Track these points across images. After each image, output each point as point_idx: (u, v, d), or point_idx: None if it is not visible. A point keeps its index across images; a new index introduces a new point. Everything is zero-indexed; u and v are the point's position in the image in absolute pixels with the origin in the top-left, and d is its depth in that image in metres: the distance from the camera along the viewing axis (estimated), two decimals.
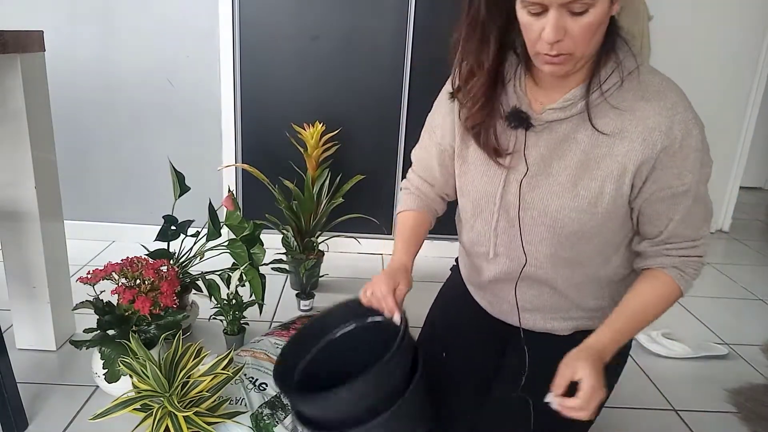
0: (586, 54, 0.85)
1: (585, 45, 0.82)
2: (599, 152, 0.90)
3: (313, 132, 1.98)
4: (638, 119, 0.87)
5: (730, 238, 2.96)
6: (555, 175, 0.94)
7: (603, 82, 0.87)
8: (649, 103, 0.86)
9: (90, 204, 2.34)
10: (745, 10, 2.67)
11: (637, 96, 0.87)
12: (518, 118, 0.94)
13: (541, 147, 0.95)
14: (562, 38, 0.80)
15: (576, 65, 0.86)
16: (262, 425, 1.12)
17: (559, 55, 0.82)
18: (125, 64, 2.19)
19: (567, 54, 0.82)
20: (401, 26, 2.16)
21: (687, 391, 1.55)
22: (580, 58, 0.85)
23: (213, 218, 1.58)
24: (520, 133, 0.95)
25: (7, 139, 1.37)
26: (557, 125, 0.92)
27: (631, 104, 0.88)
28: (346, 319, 1.02)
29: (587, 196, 0.91)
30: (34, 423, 1.26)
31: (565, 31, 0.80)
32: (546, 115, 0.92)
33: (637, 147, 0.87)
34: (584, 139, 0.91)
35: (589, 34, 0.81)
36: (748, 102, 2.81)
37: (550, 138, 0.94)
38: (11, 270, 1.48)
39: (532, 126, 0.94)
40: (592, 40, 0.83)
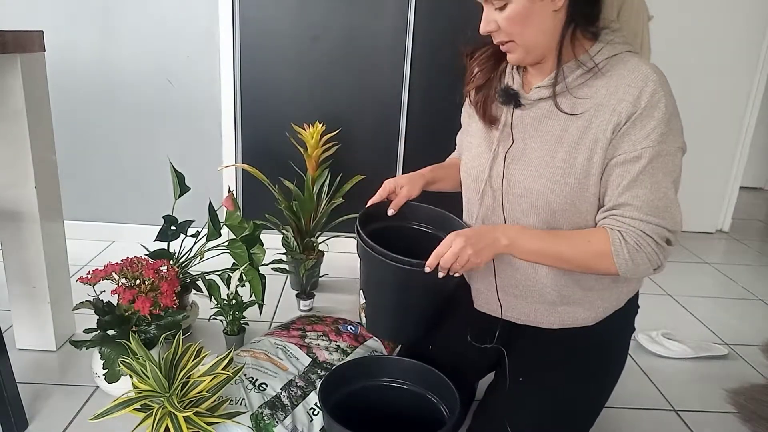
0: (530, 40, 0.94)
1: (519, 34, 0.93)
2: (576, 125, 0.96)
3: (313, 132, 1.98)
4: (612, 91, 0.93)
5: (730, 238, 2.96)
6: (536, 149, 1.01)
7: (586, 62, 0.95)
8: (623, 77, 0.93)
9: (90, 204, 2.34)
10: (745, 11, 2.67)
11: (614, 70, 0.94)
12: (507, 95, 1.04)
13: (527, 124, 1.03)
14: (495, 29, 0.95)
15: (530, 51, 0.96)
16: (262, 425, 1.12)
17: (503, 43, 0.96)
18: (125, 64, 2.19)
19: (508, 42, 0.95)
20: (401, 26, 2.16)
21: (687, 391, 1.55)
22: (527, 45, 0.95)
23: (213, 218, 1.58)
24: (508, 110, 1.05)
25: (7, 139, 1.37)
26: (543, 103, 1.00)
27: (607, 80, 0.94)
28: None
29: (561, 166, 0.97)
30: (34, 423, 1.26)
31: (496, 23, 0.94)
32: (533, 93, 1.01)
33: (608, 117, 0.92)
34: (564, 115, 0.98)
35: (516, 25, 0.92)
36: (748, 102, 2.81)
37: (535, 116, 1.02)
38: (11, 270, 1.48)
39: (521, 104, 1.03)
40: (526, 28, 0.93)
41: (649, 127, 0.90)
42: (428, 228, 1.19)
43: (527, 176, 1.00)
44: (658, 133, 0.89)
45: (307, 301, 1.86)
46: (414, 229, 1.19)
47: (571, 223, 0.99)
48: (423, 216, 1.19)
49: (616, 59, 0.95)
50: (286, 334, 1.40)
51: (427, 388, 1.06)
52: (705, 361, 1.71)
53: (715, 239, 2.95)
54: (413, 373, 1.08)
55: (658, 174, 0.91)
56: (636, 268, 0.92)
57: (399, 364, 1.08)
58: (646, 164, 0.90)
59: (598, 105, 0.94)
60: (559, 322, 1.08)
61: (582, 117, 0.95)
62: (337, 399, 1.04)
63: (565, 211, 0.98)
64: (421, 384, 1.07)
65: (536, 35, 0.94)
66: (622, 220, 0.92)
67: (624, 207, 0.92)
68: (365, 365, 1.09)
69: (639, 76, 0.92)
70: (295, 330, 1.42)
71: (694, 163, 2.87)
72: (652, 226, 0.91)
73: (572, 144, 0.96)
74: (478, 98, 1.09)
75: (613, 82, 0.93)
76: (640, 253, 0.91)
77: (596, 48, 0.95)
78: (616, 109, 0.92)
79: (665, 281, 2.31)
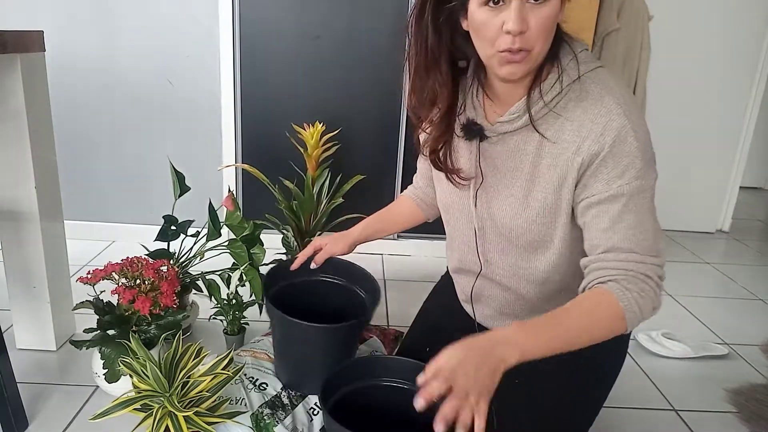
0: (541, 54, 0.84)
1: (543, 40, 0.82)
2: (545, 162, 0.90)
3: (313, 132, 1.98)
4: (576, 127, 0.86)
5: (730, 238, 2.96)
6: (508, 186, 0.96)
7: (545, 94, 0.87)
8: (586, 112, 0.85)
9: (90, 204, 2.34)
10: (744, 11, 2.67)
11: (578, 104, 0.86)
12: (471, 130, 0.96)
13: (495, 158, 0.97)
14: (526, 29, 0.80)
15: (530, 68, 0.85)
16: (262, 425, 1.12)
17: (519, 51, 0.81)
18: (125, 64, 2.19)
19: (526, 51, 0.82)
20: (401, 26, 2.16)
21: (687, 391, 1.55)
22: (535, 59, 0.84)
23: (213, 218, 1.58)
24: (474, 145, 0.98)
25: (7, 139, 1.37)
26: (509, 137, 0.94)
27: (571, 113, 0.87)
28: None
29: (536, 206, 0.92)
30: (34, 423, 1.26)
31: (527, 23, 0.80)
32: (497, 127, 0.94)
33: (573, 155, 0.86)
34: (533, 149, 0.91)
35: (548, 28, 0.82)
36: (748, 102, 2.81)
37: (503, 149, 0.95)
38: (11, 270, 1.48)
39: (486, 137, 0.96)
40: (548, 38, 0.83)
41: (623, 165, 0.82)
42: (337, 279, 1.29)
43: (504, 216, 0.96)
44: (635, 170, 0.82)
45: None
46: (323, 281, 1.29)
47: (546, 261, 0.95)
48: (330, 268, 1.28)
49: (581, 85, 0.87)
50: None
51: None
52: (705, 361, 1.71)
53: (715, 239, 2.95)
54: (415, 374, 1.07)
55: (642, 211, 0.83)
56: (642, 316, 0.83)
57: (400, 364, 1.08)
58: (626, 202, 0.82)
59: (563, 140, 0.87)
60: None
61: (548, 152, 0.89)
62: (337, 399, 1.03)
63: (545, 249, 0.94)
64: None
65: (547, 47, 0.85)
66: (617, 266, 0.83)
67: (615, 251, 0.84)
68: (366, 365, 1.09)
69: (602, 111, 0.84)
70: None
71: (694, 163, 2.89)
72: (650, 266, 0.83)
73: (543, 180, 0.91)
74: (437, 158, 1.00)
75: (577, 115, 0.86)
76: (645, 299, 0.82)
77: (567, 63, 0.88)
78: (580, 147, 0.85)
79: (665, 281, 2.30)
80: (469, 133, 0.97)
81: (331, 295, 1.28)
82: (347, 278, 1.28)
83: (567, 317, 0.81)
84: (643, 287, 0.82)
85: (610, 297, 0.81)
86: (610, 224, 0.83)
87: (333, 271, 1.28)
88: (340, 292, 1.28)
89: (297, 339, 1.16)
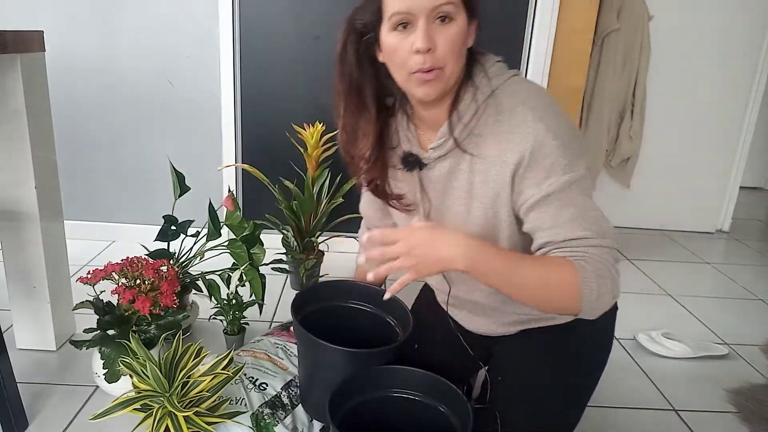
0: (454, 73, 0.88)
1: (453, 59, 0.86)
2: (478, 179, 0.94)
3: (313, 132, 1.98)
4: (497, 142, 0.89)
5: (730, 238, 2.96)
6: (452, 206, 1.00)
7: (463, 115, 0.91)
8: (502, 125, 0.89)
9: (90, 204, 2.34)
10: (745, 11, 2.67)
11: (495, 119, 0.90)
12: (409, 161, 1.01)
13: (436, 183, 1.01)
14: (434, 48, 0.84)
15: (448, 86, 0.89)
16: (262, 425, 1.12)
17: (431, 69, 0.85)
18: (125, 64, 2.19)
19: (438, 68, 0.85)
20: None
21: (687, 391, 1.55)
22: (448, 77, 0.87)
23: (213, 218, 1.58)
24: (415, 175, 1.02)
25: (7, 139, 1.37)
26: (443, 160, 0.97)
27: (491, 128, 0.90)
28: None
29: (478, 222, 0.95)
30: (34, 423, 1.26)
31: (434, 41, 0.84)
32: (431, 153, 0.98)
33: (500, 169, 0.89)
34: (466, 168, 0.95)
35: (456, 46, 0.85)
36: (748, 102, 2.81)
37: (441, 174, 0.99)
38: (11, 270, 1.48)
39: (425, 165, 1.00)
40: (459, 57, 0.87)
41: (547, 166, 0.85)
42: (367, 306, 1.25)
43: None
44: (560, 167, 0.85)
45: None
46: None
47: None
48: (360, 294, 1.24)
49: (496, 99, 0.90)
50: (286, 334, 1.40)
51: (438, 400, 1.05)
52: (705, 361, 1.71)
53: (715, 239, 2.95)
54: (424, 385, 1.06)
55: (578, 201, 0.85)
56: (600, 299, 0.83)
57: (410, 374, 1.07)
58: (561, 197, 0.85)
59: (489, 156, 0.91)
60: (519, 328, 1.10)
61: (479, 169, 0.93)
62: (346, 411, 1.03)
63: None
64: (433, 395, 1.05)
65: (459, 66, 0.89)
66: (575, 251, 0.84)
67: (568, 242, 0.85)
68: (375, 376, 1.08)
69: (516, 121, 0.87)
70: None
71: (694, 163, 2.89)
72: (605, 248, 0.84)
73: (479, 196, 0.94)
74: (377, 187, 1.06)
75: (496, 130, 0.89)
76: (604, 279, 0.82)
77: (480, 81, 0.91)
78: (505, 159, 0.88)
79: (665, 281, 2.31)
80: (407, 165, 1.01)
81: (360, 322, 1.24)
82: (377, 305, 1.23)
83: (527, 265, 0.85)
84: (601, 268, 0.83)
85: (574, 270, 0.82)
86: (553, 222, 0.86)
87: (362, 297, 1.25)
88: (369, 319, 1.23)
89: (324, 364, 1.11)
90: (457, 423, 1.00)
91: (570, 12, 2.14)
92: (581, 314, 0.85)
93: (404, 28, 0.85)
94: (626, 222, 3.00)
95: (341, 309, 1.25)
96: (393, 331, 1.20)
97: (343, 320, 1.24)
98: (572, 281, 0.82)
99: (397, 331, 1.19)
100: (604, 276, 0.83)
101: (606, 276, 0.83)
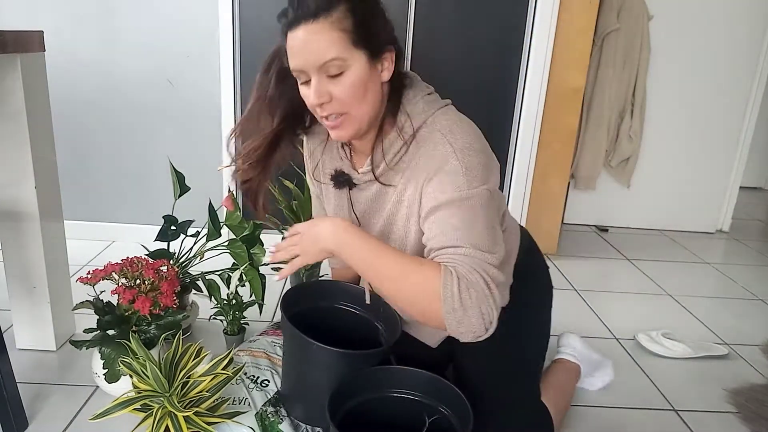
0: (365, 113, 0.92)
1: (356, 103, 0.90)
2: (398, 203, 1.01)
3: None
4: (413, 171, 0.96)
5: (730, 238, 2.97)
6: (375, 225, 1.07)
7: (387, 152, 0.97)
8: (421, 156, 0.95)
9: (90, 204, 2.34)
10: (745, 10, 2.67)
11: (415, 152, 0.96)
12: (339, 180, 1.07)
13: (362, 203, 1.08)
14: (328, 101, 0.89)
15: (362, 126, 0.94)
16: (267, 423, 1.12)
17: (335, 117, 0.91)
18: (125, 64, 2.19)
19: (342, 114, 0.91)
20: (401, 26, 2.16)
21: (687, 391, 1.55)
22: (360, 119, 0.92)
23: (213, 218, 1.58)
24: (345, 193, 1.09)
25: (7, 139, 1.37)
26: (372, 184, 1.04)
27: (409, 161, 0.97)
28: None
29: (396, 240, 1.03)
30: (34, 423, 1.26)
31: (329, 94, 0.89)
32: (361, 176, 1.05)
33: (414, 192, 0.96)
34: (392, 192, 1.01)
35: (355, 94, 0.89)
36: (748, 102, 2.81)
37: (368, 195, 1.07)
38: (11, 270, 1.48)
39: (356, 185, 1.07)
40: (363, 99, 0.91)
41: (446, 182, 0.89)
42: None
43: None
44: (456, 185, 0.89)
45: None
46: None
47: None
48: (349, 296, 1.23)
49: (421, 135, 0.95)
50: (280, 332, 1.40)
51: (439, 400, 1.05)
52: (705, 361, 1.71)
53: (715, 239, 2.95)
54: (425, 385, 1.07)
55: (468, 215, 0.88)
56: (464, 308, 0.82)
57: (409, 374, 1.07)
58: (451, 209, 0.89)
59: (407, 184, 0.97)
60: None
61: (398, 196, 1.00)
62: (346, 411, 1.02)
63: None
64: (433, 396, 1.05)
65: (370, 107, 0.92)
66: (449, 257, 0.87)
67: (445, 248, 0.88)
68: (375, 376, 1.08)
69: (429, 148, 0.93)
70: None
71: (694, 163, 2.89)
72: (478, 261, 0.85)
73: (397, 218, 1.02)
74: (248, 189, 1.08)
75: (415, 162, 0.95)
76: (469, 289, 0.83)
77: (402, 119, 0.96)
78: (418, 182, 0.95)
79: (665, 281, 2.31)
80: (338, 183, 1.08)
81: (346, 323, 1.22)
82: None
83: (391, 257, 0.89)
84: (470, 278, 0.84)
85: (437, 272, 0.85)
86: (438, 231, 0.90)
87: (351, 299, 1.23)
88: (357, 321, 1.22)
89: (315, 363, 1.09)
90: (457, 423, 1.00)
91: (570, 12, 2.14)
92: (447, 325, 0.84)
93: (305, 83, 0.92)
94: (626, 222, 3.00)
95: (327, 310, 1.24)
96: (378, 333, 1.18)
97: (329, 321, 1.22)
98: (433, 282, 0.83)
99: (383, 334, 1.17)
100: (471, 286, 0.83)
101: (474, 288, 0.83)
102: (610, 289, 2.24)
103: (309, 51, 0.87)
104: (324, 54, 0.86)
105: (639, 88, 2.75)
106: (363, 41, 0.88)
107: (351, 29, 0.87)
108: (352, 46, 0.87)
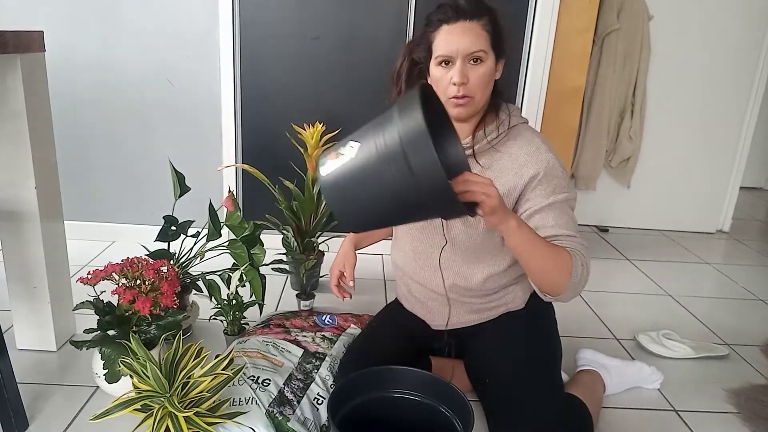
0: (481, 101, 1.15)
1: (481, 91, 1.13)
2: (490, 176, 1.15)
3: (313, 132, 1.98)
4: (513, 158, 1.16)
5: (730, 238, 2.97)
6: None
7: (489, 134, 1.17)
8: (521, 148, 1.17)
9: (90, 204, 2.34)
10: (745, 10, 2.67)
11: (513, 142, 1.18)
12: None
13: None
14: (466, 82, 1.11)
15: (474, 110, 1.15)
16: (276, 423, 1.12)
17: (464, 96, 1.12)
18: (125, 64, 2.19)
19: (469, 97, 1.12)
20: (401, 26, 2.16)
21: (687, 391, 1.55)
22: (477, 104, 1.14)
23: (213, 218, 1.58)
24: None
25: (7, 139, 1.37)
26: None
27: (508, 148, 1.18)
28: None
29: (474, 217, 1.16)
30: (34, 423, 1.26)
31: (467, 77, 1.11)
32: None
33: (511, 178, 1.15)
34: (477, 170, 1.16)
35: (484, 81, 1.12)
36: (748, 102, 2.81)
37: None
38: (11, 270, 1.48)
39: None
40: (486, 89, 1.14)
41: (553, 184, 1.13)
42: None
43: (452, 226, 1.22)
44: (561, 188, 1.14)
45: (307, 301, 1.86)
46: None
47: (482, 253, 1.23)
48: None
49: (515, 130, 1.18)
50: (269, 332, 1.41)
51: (439, 401, 1.05)
52: (705, 361, 1.71)
53: (715, 239, 2.95)
54: (425, 385, 1.06)
55: (569, 212, 1.14)
56: (580, 282, 1.06)
57: (410, 374, 1.07)
58: (560, 206, 1.13)
59: (499, 168, 1.16)
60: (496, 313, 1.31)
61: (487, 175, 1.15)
62: (346, 411, 1.02)
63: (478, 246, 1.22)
64: (434, 396, 1.05)
65: (486, 96, 1.16)
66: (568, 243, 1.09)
67: (562, 235, 1.10)
68: (376, 376, 1.08)
69: (533, 148, 1.15)
70: (276, 326, 1.45)
71: (694, 163, 2.89)
72: (581, 240, 1.11)
73: None
74: None
75: (514, 150, 1.16)
76: (584, 268, 1.07)
77: (503, 116, 1.18)
78: (519, 172, 1.14)
79: (665, 281, 2.31)
80: None
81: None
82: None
83: (543, 244, 1.06)
84: (585, 260, 1.08)
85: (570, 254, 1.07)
86: (554, 223, 1.12)
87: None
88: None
89: None
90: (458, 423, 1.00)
91: (570, 12, 2.14)
92: (564, 292, 1.06)
93: (446, 65, 1.12)
94: (626, 222, 3.00)
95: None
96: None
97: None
98: (568, 262, 1.05)
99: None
100: (585, 266, 1.08)
101: (586, 266, 1.08)
102: (611, 289, 2.24)
103: (464, 40, 1.10)
104: (474, 44, 1.10)
105: (639, 88, 2.75)
106: (496, 45, 1.13)
107: (491, 33, 1.12)
108: (490, 46, 1.11)
